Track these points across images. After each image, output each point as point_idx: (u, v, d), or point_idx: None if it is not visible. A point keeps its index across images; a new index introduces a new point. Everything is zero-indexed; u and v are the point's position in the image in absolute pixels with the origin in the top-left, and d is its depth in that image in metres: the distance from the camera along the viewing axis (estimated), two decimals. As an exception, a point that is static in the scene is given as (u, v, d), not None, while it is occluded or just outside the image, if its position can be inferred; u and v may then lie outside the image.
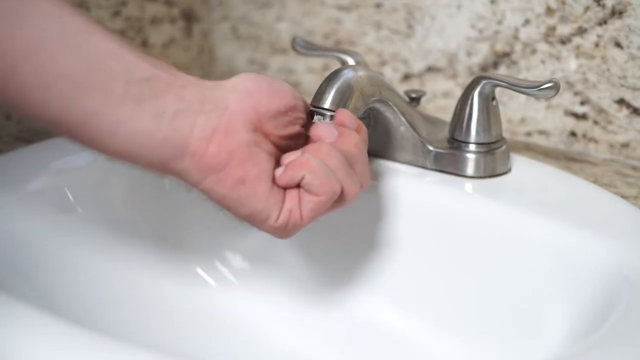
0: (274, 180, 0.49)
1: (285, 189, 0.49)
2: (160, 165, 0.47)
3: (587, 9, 0.67)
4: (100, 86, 0.44)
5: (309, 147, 0.50)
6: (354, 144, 0.51)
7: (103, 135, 0.45)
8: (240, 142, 0.48)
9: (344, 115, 0.52)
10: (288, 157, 0.51)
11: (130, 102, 0.45)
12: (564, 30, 0.69)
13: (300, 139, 0.52)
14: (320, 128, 0.51)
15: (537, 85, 0.56)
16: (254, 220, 0.49)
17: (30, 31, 0.43)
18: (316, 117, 0.54)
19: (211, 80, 0.50)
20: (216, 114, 0.47)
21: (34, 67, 0.43)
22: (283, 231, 0.50)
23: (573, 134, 0.70)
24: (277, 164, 0.50)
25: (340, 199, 0.51)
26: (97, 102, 0.44)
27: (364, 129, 0.53)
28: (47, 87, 0.43)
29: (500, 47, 0.72)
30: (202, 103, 0.47)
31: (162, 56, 0.85)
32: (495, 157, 0.61)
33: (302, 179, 0.48)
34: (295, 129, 0.51)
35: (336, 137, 0.51)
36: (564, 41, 0.69)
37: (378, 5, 0.77)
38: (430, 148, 0.62)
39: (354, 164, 0.51)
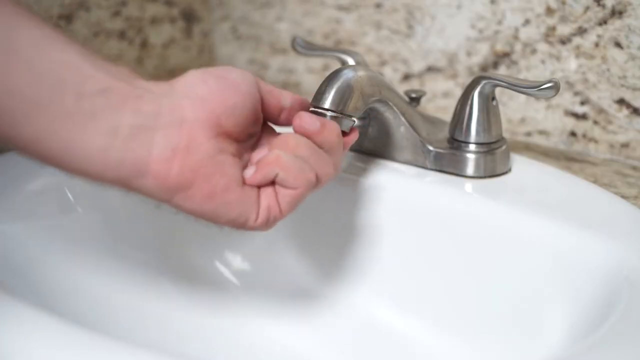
0: (244, 182, 0.48)
1: (259, 187, 0.49)
2: (120, 184, 0.46)
3: (587, 9, 0.67)
4: (51, 102, 0.42)
5: (276, 142, 0.50)
6: (336, 134, 0.51)
7: (56, 153, 0.43)
8: (204, 157, 0.46)
9: (303, 119, 0.51)
10: (257, 155, 0.50)
11: (82, 118, 0.43)
12: (564, 30, 0.69)
13: (259, 123, 0.51)
14: (304, 119, 0.51)
15: (537, 85, 0.56)
16: (234, 225, 0.49)
17: None
18: None
19: (164, 82, 0.48)
20: (174, 130, 0.46)
21: None
22: (264, 227, 0.49)
23: (573, 134, 0.70)
24: (240, 158, 0.50)
25: (316, 183, 0.50)
26: (47, 119, 0.42)
27: (330, 128, 0.51)
28: None
29: (500, 47, 0.72)
30: (158, 116, 0.45)
31: (162, 56, 0.85)
32: (495, 157, 0.61)
33: (276, 176, 0.48)
34: (257, 115, 0.50)
35: (319, 128, 0.50)
36: (564, 41, 0.69)
37: (378, 5, 0.77)
38: (430, 148, 0.62)
39: (328, 155, 0.51)
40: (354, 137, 0.55)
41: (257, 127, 0.51)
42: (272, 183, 0.49)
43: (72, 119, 0.43)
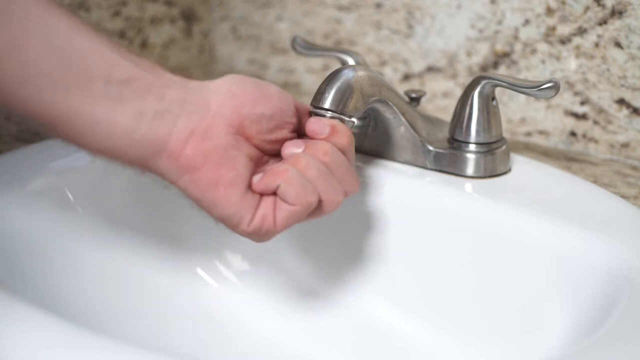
0: (250, 186, 0.49)
1: (261, 195, 0.49)
2: (140, 163, 0.48)
3: (587, 9, 0.67)
4: (81, 85, 0.45)
5: (290, 158, 0.50)
6: (323, 152, 0.50)
7: (83, 132, 0.46)
8: (217, 146, 0.48)
9: (313, 124, 0.52)
10: (270, 165, 0.51)
11: (110, 101, 0.45)
12: (564, 30, 0.69)
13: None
14: (314, 123, 0.51)
15: (537, 85, 0.56)
16: (227, 223, 0.49)
17: (14, 29, 0.44)
18: None
19: (196, 81, 0.50)
20: (197, 116, 0.48)
21: (16, 65, 0.44)
22: (256, 236, 0.50)
23: (573, 134, 0.70)
24: (260, 167, 0.50)
25: (319, 208, 0.51)
26: (76, 100, 0.45)
27: (341, 131, 0.52)
28: (28, 84, 0.44)
29: (500, 47, 0.72)
30: (183, 104, 0.48)
31: (162, 56, 0.85)
32: (495, 157, 0.61)
33: (278, 187, 0.49)
34: (282, 133, 0.51)
35: (328, 133, 0.51)
36: (564, 41, 0.69)
37: (378, 5, 0.77)
38: (430, 148, 0.62)
39: (331, 171, 0.51)
40: None
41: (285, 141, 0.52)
42: (275, 195, 0.49)
43: (100, 101, 0.45)
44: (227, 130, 0.48)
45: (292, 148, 0.51)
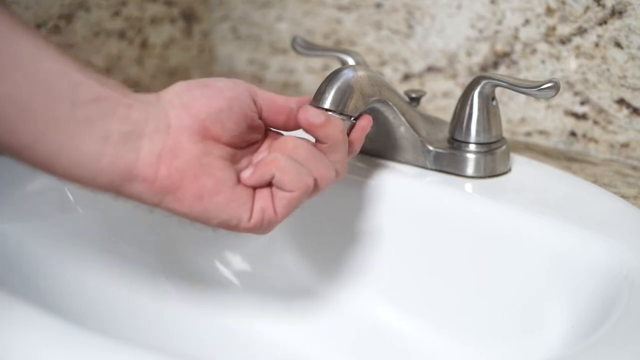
0: (238, 181, 0.49)
1: (255, 188, 0.49)
2: (112, 189, 0.47)
3: (587, 9, 0.67)
4: (45, 108, 0.44)
5: (275, 144, 0.50)
6: (340, 130, 0.51)
7: (48, 158, 0.45)
8: (189, 159, 0.47)
9: (307, 113, 0.51)
10: (257, 157, 0.51)
11: (75, 125, 0.44)
12: (564, 30, 0.69)
13: (258, 130, 0.52)
14: (309, 112, 0.51)
15: (537, 85, 0.56)
16: (227, 227, 0.49)
17: None
18: None
19: (152, 93, 0.49)
20: (160, 135, 0.47)
21: None
22: (259, 229, 0.50)
23: (573, 134, 0.70)
24: (237, 164, 0.50)
25: (314, 187, 0.50)
26: (41, 125, 0.44)
27: (333, 124, 0.51)
28: None
29: (500, 47, 0.72)
30: (145, 123, 0.47)
31: (162, 56, 0.85)
32: (495, 157, 0.61)
33: (273, 177, 0.49)
34: (247, 122, 0.50)
35: (323, 121, 0.51)
36: (564, 41, 0.69)
37: (378, 5, 0.77)
38: (430, 148, 0.62)
39: (331, 153, 0.51)
40: (362, 129, 0.54)
41: (255, 133, 0.52)
42: (269, 185, 0.49)
43: (66, 125, 0.44)
44: (192, 140, 0.48)
45: (313, 116, 0.50)
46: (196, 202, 0.47)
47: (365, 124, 0.55)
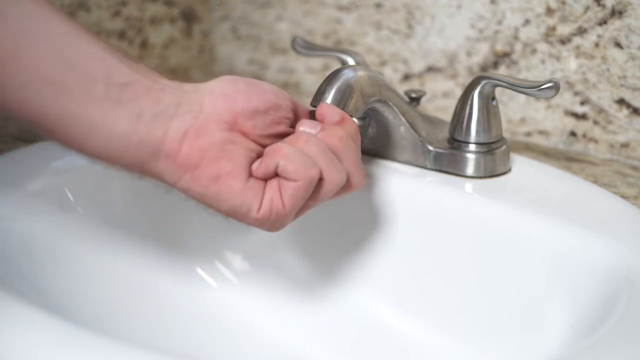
0: (251, 175, 0.49)
1: (265, 180, 0.50)
2: (138, 166, 0.48)
3: (587, 9, 0.67)
4: (80, 88, 0.45)
5: (289, 137, 0.51)
6: (338, 137, 0.51)
7: (81, 135, 0.46)
8: (212, 142, 0.48)
9: (324, 109, 0.52)
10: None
11: (109, 104, 0.46)
12: (564, 30, 0.69)
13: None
14: (304, 123, 0.52)
15: (537, 85, 0.56)
16: (236, 215, 0.49)
17: (14, 33, 0.44)
18: None
19: (191, 84, 0.50)
20: (190, 116, 0.48)
21: (16, 68, 0.44)
22: (268, 222, 0.50)
23: (573, 134, 0.70)
24: (258, 158, 0.50)
25: (319, 186, 0.51)
26: (76, 103, 0.45)
27: (350, 121, 0.52)
28: (28, 87, 0.44)
29: (500, 47, 0.72)
30: (178, 106, 0.48)
31: (162, 56, 0.85)
32: (495, 157, 0.61)
33: (277, 166, 0.49)
34: (280, 128, 0.51)
35: (318, 131, 0.51)
36: (564, 41, 0.69)
37: (378, 5, 0.77)
38: (430, 148, 0.62)
39: (339, 157, 0.51)
40: None
41: (284, 136, 0.52)
42: (277, 176, 0.50)
43: (100, 104, 0.46)
44: (220, 127, 0.49)
45: (306, 127, 0.51)
46: (212, 182, 0.48)
47: None
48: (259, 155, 0.50)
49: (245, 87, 0.50)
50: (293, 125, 0.52)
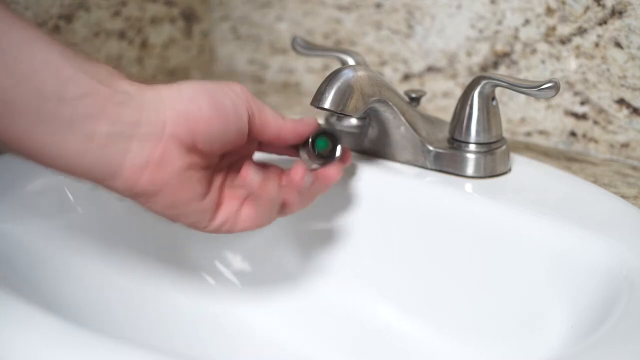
0: (204, 195, 0.50)
1: (222, 195, 0.51)
2: (92, 181, 0.47)
3: (587, 9, 0.67)
4: (29, 107, 0.43)
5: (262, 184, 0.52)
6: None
7: (33, 151, 0.45)
8: (173, 172, 0.48)
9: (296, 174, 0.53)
10: (226, 170, 0.53)
11: (59, 125, 0.44)
12: (564, 30, 0.69)
13: (244, 150, 0.54)
14: (299, 172, 0.52)
15: (537, 85, 0.56)
16: (189, 227, 0.52)
17: None
18: (302, 154, 0.55)
19: (151, 87, 0.48)
20: (151, 142, 0.47)
21: None
22: (216, 233, 0.52)
23: (573, 134, 0.70)
24: (216, 172, 0.52)
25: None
26: (26, 121, 0.43)
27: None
28: None
29: (500, 47, 0.72)
30: (137, 126, 0.46)
31: (162, 56, 0.85)
32: (495, 157, 0.61)
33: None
34: (236, 145, 0.52)
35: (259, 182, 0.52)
36: (564, 41, 0.69)
37: (378, 5, 0.77)
38: (430, 148, 0.62)
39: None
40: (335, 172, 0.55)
41: (238, 152, 0.53)
42: (241, 198, 0.52)
43: (49, 125, 0.44)
44: (180, 152, 0.48)
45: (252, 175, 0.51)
46: (168, 209, 0.49)
47: (335, 173, 0.55)
48: (215, 169, 0.51)
49: (207, 105, 0.49)
50: (253, 137, 0.52)
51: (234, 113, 0.50)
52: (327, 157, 0.55)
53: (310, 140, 0.55)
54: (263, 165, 0.54)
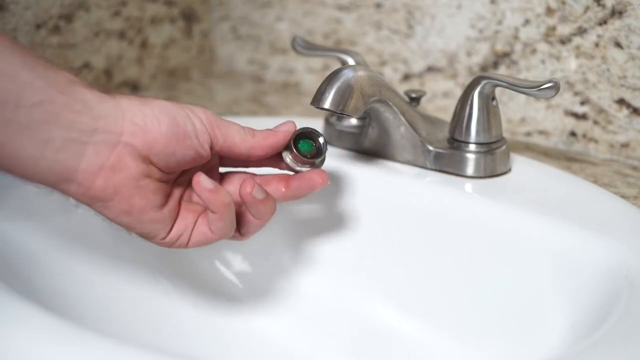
0: (162, 206, 0.50)
1: (180, 209, 0.51)
2: (47, 186, 0.47)
3: (587, 9, 0.67)
4: None
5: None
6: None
7: None
8: (128, 178, 0.48)
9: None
10: (181, 184, 0.52)
11: (16, 129, 0.44)
12: (564, 30, 0.69)
13: (208, 166, 0.54)
14: (247, 186, 0.51)
15: (537, 85, 0.56)
16: (144, 238, 0.51)
17: None
18: (288, 159, 0.54)
19: (109, 97, 0.48)
20: (106, 148, 0.47)
21: None
22: (170, 247, 0.52)
23: (573, 134, 0.70)
24: (174, 186, 0.52)
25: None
26: None
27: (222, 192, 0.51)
28: None
29: (500, 47, 0.72)
30: (92, 134, 0.47)
31: (162, 56, 0.85)
32: (495, 157, 0.61)
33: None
34: (192, 164, 0.51)
35: (212, 188, 0.50)
36: (564, 41, 0.69)
37: (378, 5, 0.77)
38: (430, 148, 0.62)
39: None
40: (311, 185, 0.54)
41: (201, 168, 0.53)
42: (197, 213, 0.51)
43: (7, 128, 0.44)
44: (135, 161, 0.48)
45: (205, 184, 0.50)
46: (123, 215, 0.49)
47: (319, 180, 0.54)
48: (172, 183, 0.51)
49: (167, 127, 0.49)
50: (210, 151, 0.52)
51: (194, 138, 0.50)
52: (313, 157, 0.54)
53: (292, 143, 0.54)
54: (227, 175, 0.55)
